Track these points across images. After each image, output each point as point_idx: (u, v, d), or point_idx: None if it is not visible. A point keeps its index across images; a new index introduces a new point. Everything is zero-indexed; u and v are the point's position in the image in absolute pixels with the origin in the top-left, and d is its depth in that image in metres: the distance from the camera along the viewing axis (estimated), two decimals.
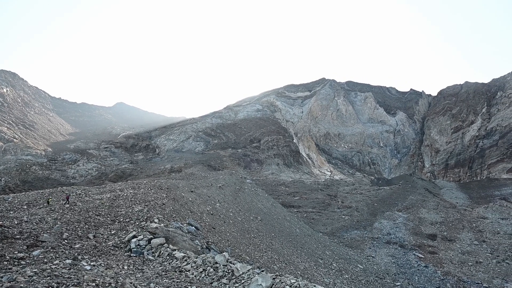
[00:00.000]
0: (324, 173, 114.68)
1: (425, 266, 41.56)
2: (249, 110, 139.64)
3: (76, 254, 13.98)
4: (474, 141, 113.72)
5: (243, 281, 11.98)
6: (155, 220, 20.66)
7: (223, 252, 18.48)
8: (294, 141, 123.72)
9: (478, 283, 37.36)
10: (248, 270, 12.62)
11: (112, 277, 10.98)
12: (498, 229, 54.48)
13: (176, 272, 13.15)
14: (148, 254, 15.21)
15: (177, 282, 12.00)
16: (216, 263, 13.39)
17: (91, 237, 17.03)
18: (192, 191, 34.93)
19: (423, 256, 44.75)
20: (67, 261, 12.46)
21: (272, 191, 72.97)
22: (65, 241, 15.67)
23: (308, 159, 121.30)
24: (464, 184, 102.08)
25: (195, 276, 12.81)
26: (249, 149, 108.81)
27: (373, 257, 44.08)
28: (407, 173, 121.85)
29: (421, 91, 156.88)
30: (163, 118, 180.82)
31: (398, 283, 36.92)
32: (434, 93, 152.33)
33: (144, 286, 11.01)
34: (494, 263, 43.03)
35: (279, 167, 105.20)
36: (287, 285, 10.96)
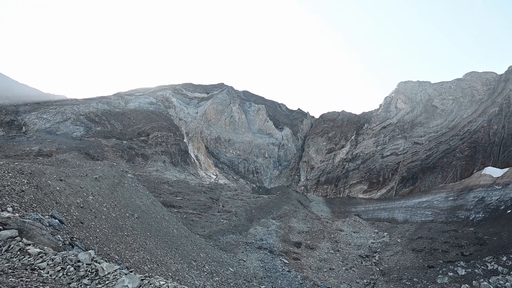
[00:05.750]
0: (210, 176, 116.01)
1: (288, 271, 45.45)
2: (142, 101, 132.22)
3: None
4: (342, 163, 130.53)
5: (107, 281, 11.17)
6: (8, 208, 17.61)
7: (89, 249, 16.94)
8: (184, 140, 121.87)
9: (329, 287, 42.72)
10: (115, 270, 11.84)
11: None
12: (350, 241, 63.46)
13: (27, 270, 11.43)
14: None
15: (26, 281, 10.42)
16: (79, 261, 12.14)
17: None
18: (61, 180, 31.02)
19: (288, 262, 48.88)
20: None
21: (154, 188, 70.12)
22: None
23: (196, 160, 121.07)
24: (330, 199, 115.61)
25: (50, 275, 11.36)
26: (135, 142, 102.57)
27: (244, 261, 46.16)
28: (285, 184, 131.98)
29: (306, 112, 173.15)
30: (37, 93, 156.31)
31: (263, 286, 39.44)
32: (317, 115, 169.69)
33: None
34: (344, 270, 49.83)
35: (165, 165, 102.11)
36: (155, 286, 10.70)
